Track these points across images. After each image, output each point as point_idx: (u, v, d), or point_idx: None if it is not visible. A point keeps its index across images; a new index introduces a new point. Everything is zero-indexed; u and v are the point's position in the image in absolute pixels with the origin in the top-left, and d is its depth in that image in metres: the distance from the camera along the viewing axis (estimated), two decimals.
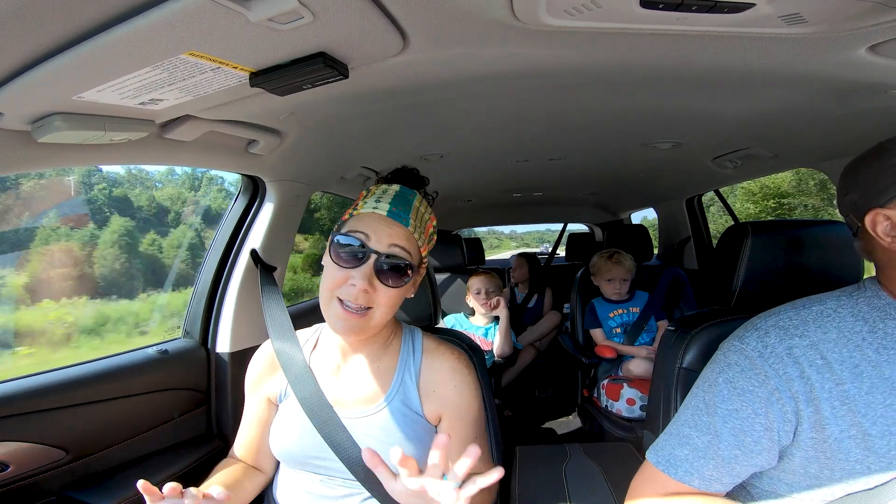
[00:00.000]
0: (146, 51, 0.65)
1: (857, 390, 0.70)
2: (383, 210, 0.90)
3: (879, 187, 0.71)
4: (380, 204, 0.91)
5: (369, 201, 0.92)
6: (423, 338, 1.02)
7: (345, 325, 0.88)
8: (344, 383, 0.97)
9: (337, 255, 0.88)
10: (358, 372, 0.98)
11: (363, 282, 0.85)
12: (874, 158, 0.74)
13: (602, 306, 2.39)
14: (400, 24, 0.69)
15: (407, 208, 0.92)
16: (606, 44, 0.79)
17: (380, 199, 0.92)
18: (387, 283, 0.88)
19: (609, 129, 1.53)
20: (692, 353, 1.11)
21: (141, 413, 1.28)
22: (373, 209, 0.90)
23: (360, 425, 0.93)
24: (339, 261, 0.88)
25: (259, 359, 1.07)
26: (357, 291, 0.86)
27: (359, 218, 0.91)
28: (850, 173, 0.78)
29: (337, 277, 0.88)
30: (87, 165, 1.03)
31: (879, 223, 0.72)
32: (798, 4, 0.62)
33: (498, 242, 31.52)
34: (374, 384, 0.96)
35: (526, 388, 3.42)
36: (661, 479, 0.81)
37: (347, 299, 0.87)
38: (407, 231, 0.90)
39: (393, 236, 0.88)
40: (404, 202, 0.92)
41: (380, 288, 0.88)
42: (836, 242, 1.09)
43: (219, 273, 1.56)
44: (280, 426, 0.98)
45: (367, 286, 0.86)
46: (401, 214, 0.90)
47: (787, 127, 1.38)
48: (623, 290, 2.36)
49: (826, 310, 0.76)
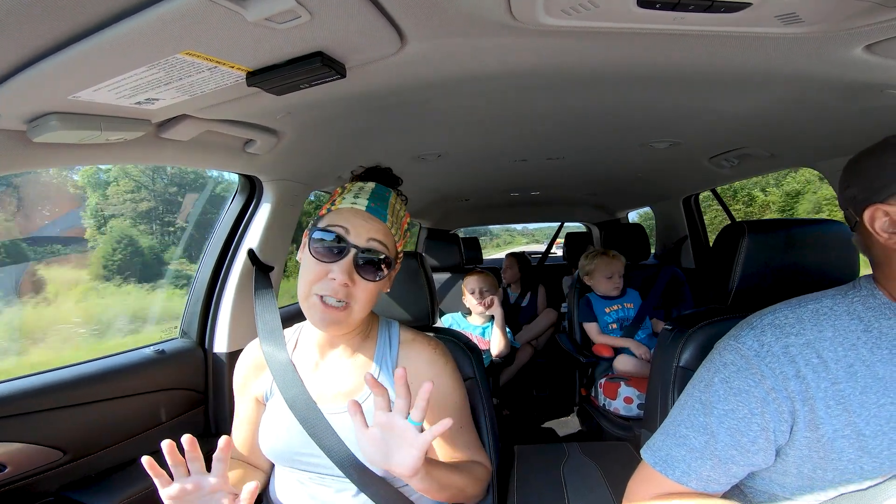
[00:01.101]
0: (142, 50, 0.65)
1: (852, 390, 0.70)
2: (362, 205, 0.91)
3: (880, 182, 0.71)
4: (358, 199, 0.92)
5: (347, 197, 0.93)
6: (400, 330, 1.03)
7: (325, 319, 0.88)
8: (324, 379, 0.98)
9: (315, 249, 0.89)
10: (337, 367, 0.98)
11: (343, 276, 0.86)
12: (878, 154, 0.74)
13: (598, 302, 2.40)
14: (397, 23, 0.69)
15: (384, 205, 0.93)
16: (604, 43, 0.79)
17: (357, 195, 0.93)
18: (365, 276, 0.89)
19: (606, 128, 1.53)
20: (689, 352, 1.12)
21: (138, 413, 1.28)
22: (351, 204, 0.91)
23: (343, 419, 0.93)
24: (318, 255, 0.88)
25: (244, 360, 1.07)
26: (337, 286, 0.87)
27: (337, 213, 0.92)
28: (853, 167, 0.78)
29: (316, 272, 0.88)
30: (84, 165, 1.03)
31: (878, 219, 0.71)
32: (794, 4, 0.62)
33: (511, 238, 31.63)
34: (354, 377, 0.97)
35: (524, 388, 3.43)
36: (659, 479, 0.80)
37: (327, 294, 0.87)
38: (384, 226, 0.92)
39: (371, 231, 0.90)
40: (381, 199, 0.94)
41: (359, 282, 0.89)
42: (832, 241, 1.09)
43: (216, 273, 1.55)
44: (267, 425, 0.99)
45: (347, 280, 0.87)
46: (379, 210, 0.92)
47: (783, 126, 1.38)
48: (620, 285, 2.38)
49: (822, 308, 0.76)
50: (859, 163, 0.77)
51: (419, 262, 1.29)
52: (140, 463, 0.78)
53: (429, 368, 0.97)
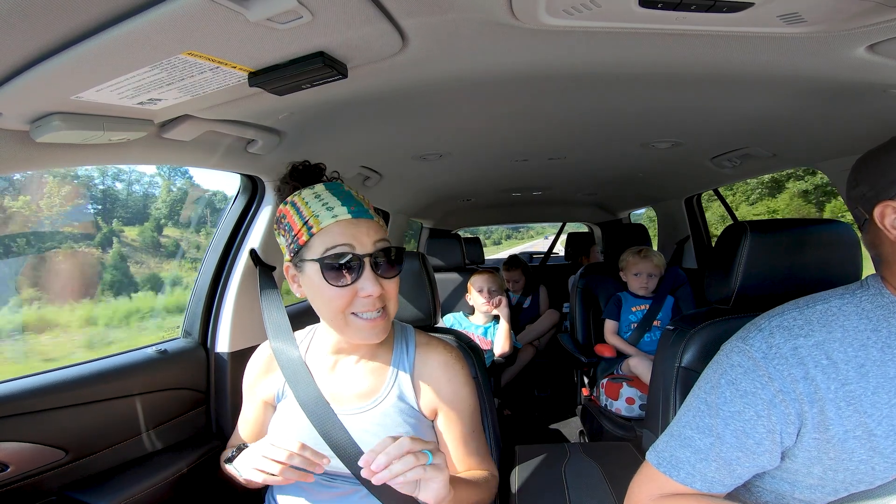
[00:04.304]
0: (145, 51, 0.65)
1: (863, 390, 0.69)
2: (344, 214, 0.87)
3: (890, 179, 0.71)
4: (335, 209, 0.87)
5: (320, 213, 0.87)
6: (416, 334, 1.03)
7: (372, 333, 0.89)
8: (340, 380, 0.98)
9: (333, 277, 0.85)
10: (354, 369, 0.98)
11: (375, 287, 0.85)
12: (887, 151, 0.74)
13: (627, 300, 2.38)
14: (399, 23, 0.69)
15: (357, 201, 0.90)
16: (605, 43, 0.79)
17: (328, 205, 0.88)
18: (389, 276, 0.89)
19: (608, 128, 1.53)
20: (691, 353, 1.11)
21: (140, 413, 1.28)
22: (333, 218, 0.87)
23: (357, 421, 0.94)
24: (338, 281, 0.85)
25: (255, 361, 1.07)
26: (373, 300, 0.86)
27: (326, 233, 0.86)
28: (861, 166, 0.78)
29: (344, 297, 0.86)
30: (86, 165, 1.03)
31: (888, 215, 0.71)
32: (797, 4, 0.61)
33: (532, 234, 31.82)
34: (370, 380, 0.97)
35: (525, 388, 3.43)
36: (662, 480, 0.80)
37: (364, 311, 0.87)
38: (375, 222, 0.90)
39: (370, 233, 0.88)
40: (350, 197, 0.90)
41: (386, 284, 0.89)
42: (834, 242, 1.09)
43: (218, 273, 1.55)
44: (279, 426, 0.99)
45: (379, 289, 0.86)
46: (361, 210, 0.89)
47: (785, 126, 1.38)
48: (650, 286, 2.33)
49: (830, 308, 0.75)
50: (868, 161, 0.77)
51: (421, 262, 1.29)
52: (142, 463, 0.79)
53: (444, 373, 0.98)
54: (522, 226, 26.04)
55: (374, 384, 0.97)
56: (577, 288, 2.57)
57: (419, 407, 0.96)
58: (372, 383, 0.97)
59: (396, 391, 0.96)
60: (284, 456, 0.82)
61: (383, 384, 0.96)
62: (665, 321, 2.29)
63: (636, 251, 2.37)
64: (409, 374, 0.97)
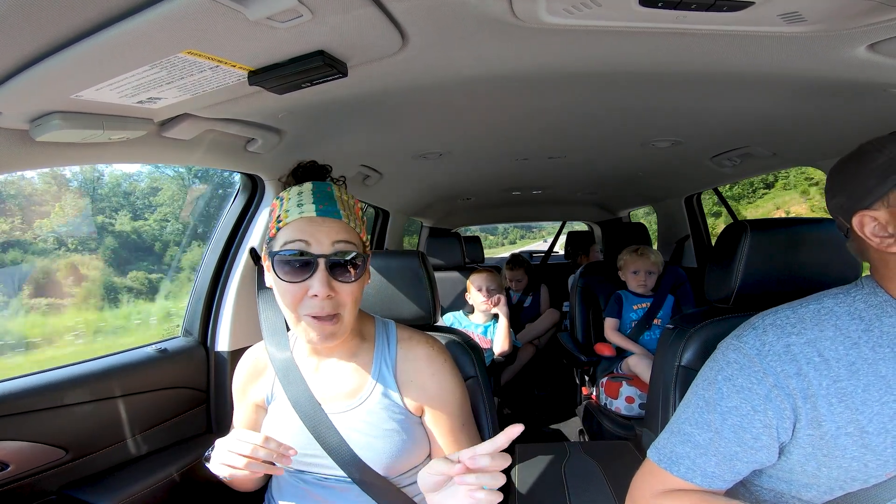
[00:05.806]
0: (144, 49, 0.65)
1: (854, 388, 0.71)
2: (310, 211, 0.86)
3: (863, 189, 0.72)
4: (304, 206, 0.87)
5: (291, 208, 0.87)
6: (397, 329, 1.02)
7: (321, 334, 0.86)
8: (324, 380, 0.97)
9: (284, 272, 0.85)
10: (337, 368, 0.98)
11: (323, 288, 0.83)
12: (855, 161, 0.75)
13: (628, 298, 2.38)
14: (399, 22, 0.69)
15: (332, 201, 0.89)
16: (606, 42, 0.79)
17: (300, 202, 0.88)
18: (344, 280, 0.86)
19: (608, 127, 1.53)
20: (691, 351, 1.12)
21: (140, 412, 1.28)
22: (299, 214, 0.86)
23: (345, 420, 0.93)
24: (289, 277, 0.85)
25: (243, 365, 1.07)
26: (321, 301, 0.84)
27: (289, 228, 0.86)
28: (835, 177, 0.79)
29: (294, 294, 0.85)
30: (86, 164, 1.03)
31: (867, 224, 0.72)
32: (797, 3, 0.62)
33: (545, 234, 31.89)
34: (354, 379, 0.97)
35: (525, 387, 3.43)
36: (663, 476, 0.81)
37: (314, 312, 0.85)
38: (342, 223, 0.88)
39: (332, 233, 0.86)
40: (326, 196, 0.89)
41: (340, 288, 0.86)
42: (834, 240, 1.09)
43: (218, 271, 1.55)
44: (271, 428, 0.98)
45: (329, 291, 0.84)
46: (329, 209, 0.87)
47: (786, 125, 1.38)
48: (649, 284, 2.32)
49: (823, 308, 0.77)
50: (840, 172, 0.78)
51: (421, 261, 1.29)
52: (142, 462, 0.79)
53: (428, 366, 0.97)
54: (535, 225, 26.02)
55: (357, 382, 0.96)
56: (577, 287, 2.57)
57: (404, 403, 0.95)
58: (356, 382, 0.96)
59: (380, 388, 0.95)
60: (249, 449, 0.80)
61: (366, 382, 0.96)
62: (665, 320, 2.29)
63: (633, 249, 2.38)
64: (392, 370, 0.96)
